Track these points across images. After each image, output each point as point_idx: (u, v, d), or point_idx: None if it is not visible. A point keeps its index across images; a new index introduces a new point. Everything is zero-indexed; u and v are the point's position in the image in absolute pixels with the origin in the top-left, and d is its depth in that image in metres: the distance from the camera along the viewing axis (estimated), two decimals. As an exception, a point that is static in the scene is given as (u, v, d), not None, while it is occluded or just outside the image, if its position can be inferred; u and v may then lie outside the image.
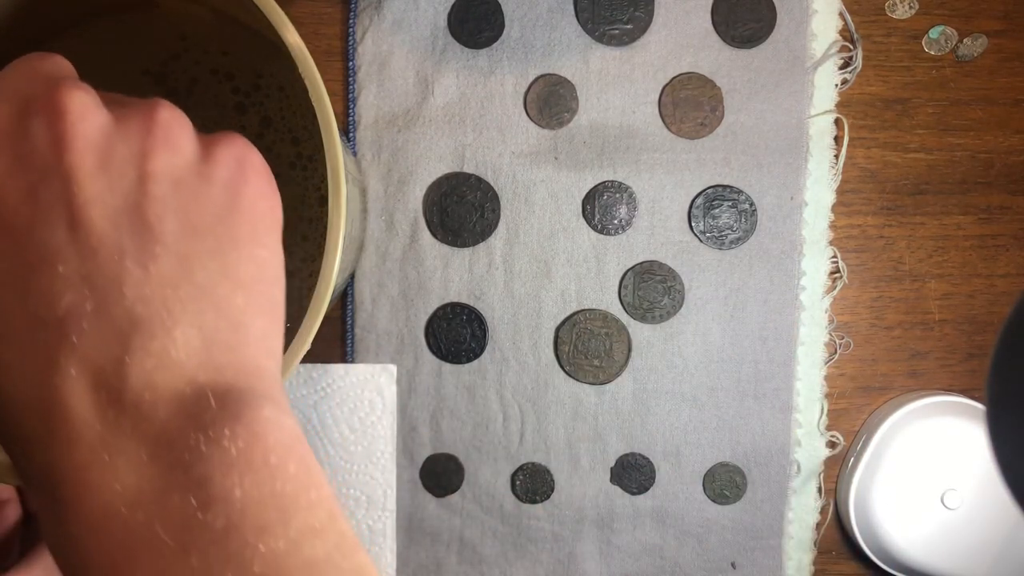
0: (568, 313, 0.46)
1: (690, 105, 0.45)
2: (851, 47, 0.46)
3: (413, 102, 0.44)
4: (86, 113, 0.21)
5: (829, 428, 0.48)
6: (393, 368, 0.45)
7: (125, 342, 0.20)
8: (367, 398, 0.45)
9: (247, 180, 0.23)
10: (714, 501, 0.47)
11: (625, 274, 0.46)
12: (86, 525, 0.19)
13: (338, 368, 0.45)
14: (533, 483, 0.47)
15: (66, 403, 0.19)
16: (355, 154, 0.45)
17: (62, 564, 0.20)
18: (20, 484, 0.28)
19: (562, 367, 0.46)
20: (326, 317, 0.29)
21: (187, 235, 0.21)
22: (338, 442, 0.45)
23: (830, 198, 0.46)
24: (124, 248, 0.20)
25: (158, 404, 0.20)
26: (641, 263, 0.46)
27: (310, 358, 0.45)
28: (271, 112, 0.40)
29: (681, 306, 0.46)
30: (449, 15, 0.44)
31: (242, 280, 0.22)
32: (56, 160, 0.20)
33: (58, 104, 0.20)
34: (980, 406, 0.47)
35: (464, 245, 0.45)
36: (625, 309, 0.46)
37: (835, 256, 0.47)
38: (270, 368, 0.22)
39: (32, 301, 0.20)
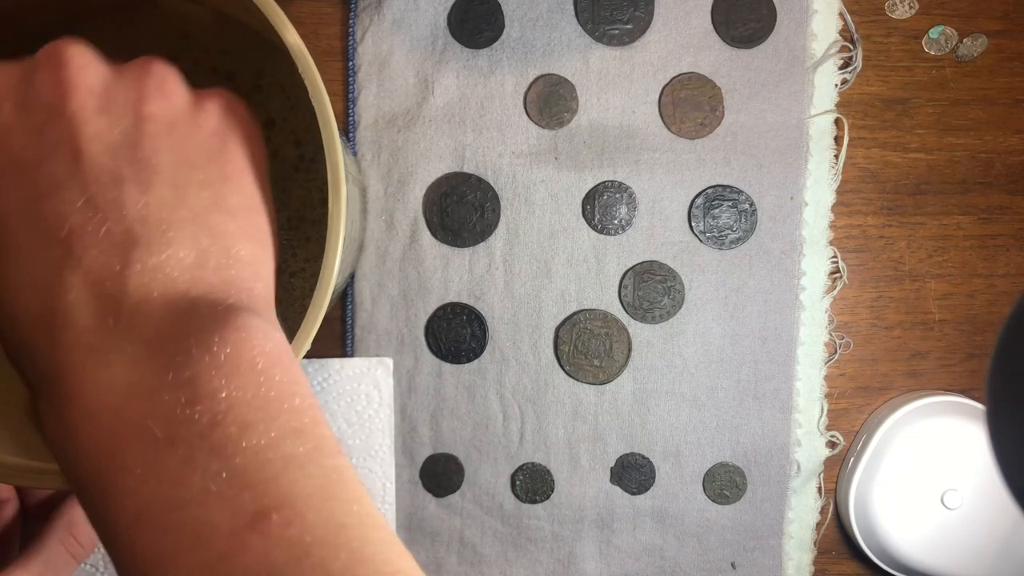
0: (568, 313, 0.46)
1: (690, 105, 0.45)
2: (851, 47, 0.46)
3: (413, 102, 0.44)
4: (87, 63, 0.23)
5: (829, 428, 0.48)
6: (389, 361, 0.45)
7: (124, 257, 0.22)
8: (364, 391, 0.45)
9: (234, 125, 0.25)
10: (714, 501, 0.47)
11: (625, 274, 0.46)
12: (83, 415, 0.21)
13: (334, 362, 0.45)
14: (533, 483, 0.47)
15: (69, 311, 0.21)
16: (355, 154, 0.45)
17: (60, 456, 0.22)
18: (19, 483, 0.28)
19: (562, 367, 0.46)
20: (326, 317, 0.29)
21: (181, 168, 0.23)
22: (335, 436, 0.45)
23: (830, 198, 0.46)
24: (123, 176, 0.22)
25: (153, 312, 0.21)
26: (641, 263, 0.46)
27: (309, 357, 0.45)
28: (274, 114, 0.40)
29: (681, 306, 0.46)
30: (449, 15, 0.44)
31: (232, 209, 0.24)
32: (60, 104, 0.22)
33: (61, 55, 0.23)
34: (980, 406, 0.47)
35: (464, 245, 0.45)
36: (625, 309, 0.46)
37: (835, 256, 0.47)
38: (260, 289, 0.24)
39: (41, 226, 0.22)
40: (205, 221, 0.23)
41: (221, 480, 0.20)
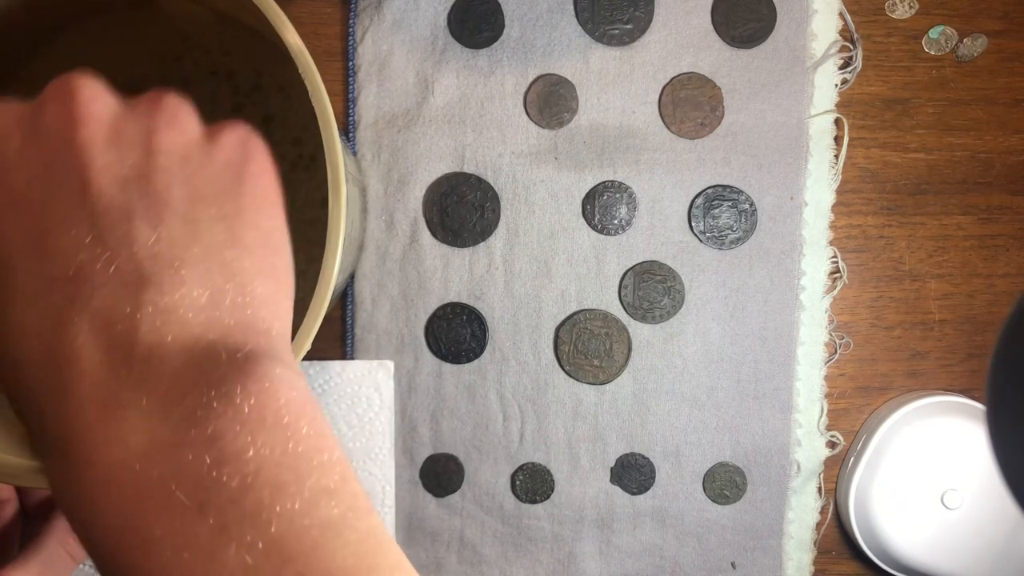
0: (568, 313, 0.46)
1: (690, 105, 0.45)
2: (851, 47, 0.46)
3: (413, 102, 0.44)
4: (97, 95, 0.22)
5: (829, 428, 0.48)
6: (390, 364, 0.45)
7: (135, 298, 0.20)
8: (364, 394, 0.45)
9: (249, 158, 0.24)
10: (714, 501, 0.47)
11: (625, 274, 0.46)
12: (99, 482, 0.19)
13: (335, 365, 0.45)
14: (533, 483, 0.47)
15: (78, 358, 0.20)
16: (355, 154, 0.45)
17: (76, 526, 0.20)
18: (19, 483, 0.28)
19: (562, 367, 0.46)
20: (326, 317, 0.29)
21: (194, 203, 0.22)
22: (336, 439, 0.45)
23: (830, 198, 0.46)
24: (133, 211, 0.21)
25: (168, 359, 0.20)
26: (641, 263, 0.46)
27: (309, 357, 0.45)
28: (272, 111, 0.40)
29: (681, 306, 0.46)
30: (449, 15, 0.44)
31: (247, 246, 0.23)
32: (69, 136, 0.21)
33: (71, 88, 0.22)
34: (980, 406, 0.47)
35: (464, 245, 0.45)
36: (625, 309, 0.46)
37: (835, 256, 0.47)
38: (279, 330, 0.23)
39: (46, 264, 0.20)
40: (219, 257, 0.22)
41: (258, 551, 0.19)
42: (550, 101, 0.45)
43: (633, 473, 0.47)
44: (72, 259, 0.20)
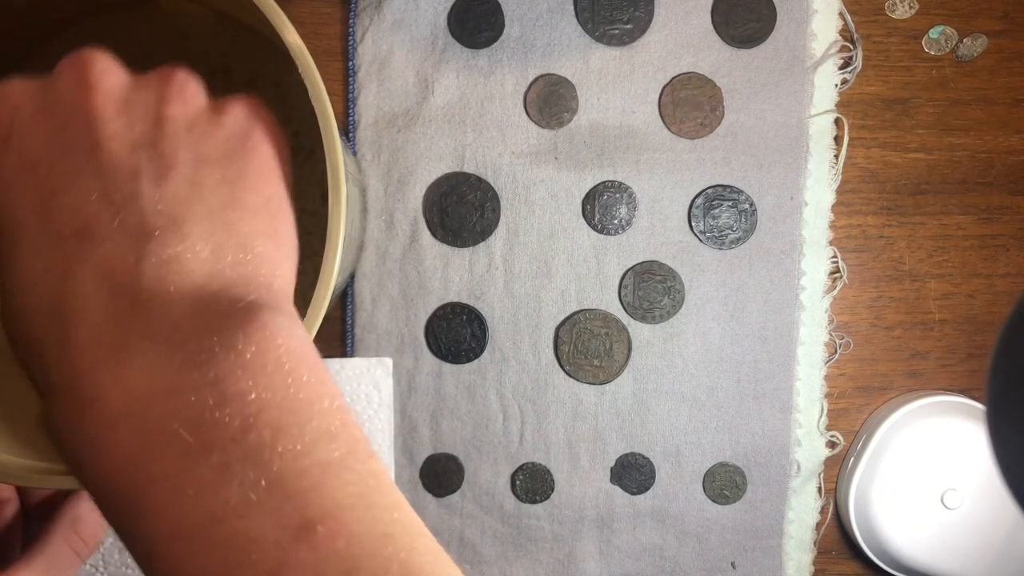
0: (568, 313, 0.46)
1: (690, 105, 0.45)
2: (851, 47, 0.46)
3: (413, 102, 0.44)
4: (109, 67, 0.23)
5: (829, 428, 0.48)
6: (389, 361, 0.45)
7: (139, 249, 0.21)
8: (363, 392, 0.45)
9: (254, 128, 0.24)
10: (714, 501, 0.47)
11: (625, 274, 0.46)
12: (102, 421, 0.20)
13: (334, 362, 0.45)
14: (533, 483, 0.47)
15: (82, 305, 0.21)
16: (355, 154, 0.45)
17: (80, 470, 0.21)
18: (20, 483, 0.28)
19: (562, 367, 0.46)
20: (326, 317, 0.29)
21: (199, 166, 0.23)
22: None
23: (830, 198, 0.46)
24: (140, 170, 0.22)
25: (170, 306, 0.21)
26: (641, 263, 0.46)
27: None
28: (271, 108, 0.40)
29: (681, 306, 0.46)
30: (449, 15, 0.44)
31: (250, 207, 0.23)
32: (81, 103, 0.22)
33: (84, 60, 0.23)
34: (980, 406, 0.47)
35: (464, 245, 0.45)
36: (625, 309, 0.46)
37: (835, 256, 0.47)
38: (280, 286, 0.23)
39: (54, 220, 0.21)
40: (222, 216, 0.23)
41: (260, 489, 0.19)
42: (550, 101, 0.45)
43: (633, 473, 0.47)
44: (79, 215, 0.21)
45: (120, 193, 0.21)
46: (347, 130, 0.45)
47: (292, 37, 0.27)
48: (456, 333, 0.45)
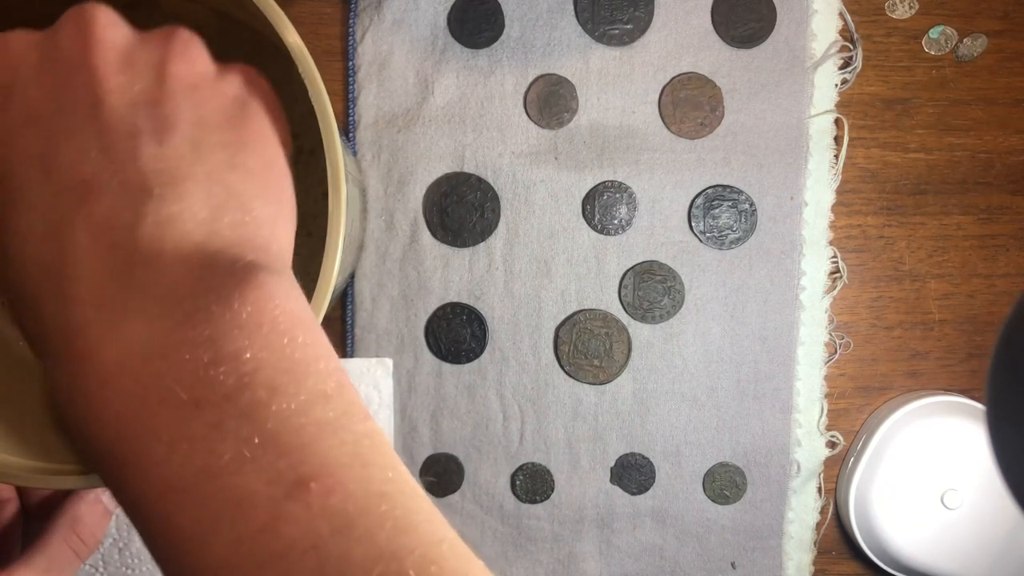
0: (568, 313, 0.46)
1: (690, 105, 0.45)
2: (851, 47, 0.46)
3: (413, 102, 0.44)
4: (112, 23, 0.23)
5: (829, 428, 0.48)
6: (389, 361, 0.45)
7: (137, 207, 0.21)
8: (363, 392, 0.45)
9: (254, 94, 0.24)
10: (714, 501, 0.47)
11: (625, 274, 0.46)
12: (97, 377, 0.20)
13: (336, 365, 0.45)
14: (533, 483, 0.47)
15: (79, 261, 0.20)
16: (355, 154, 0.45)
17: (74, 424, 0.21)
18: (19, 483, 0.28)
19: (562, 367, 0.46)
20: (326, 317, 0.29)
21: (200, 128, 0.23)
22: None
23: (830, 198, 0.46)
24: (140, 128, 0.22)
25: (167, 265, 0.21)
26: (641, 263, 0.46)
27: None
28: None
29: (681, 306, 0.46)
30: (449, 15, 0.44)
31: (249, 170, 0.23)
32: (82, 58, 0.22)
33: (87, 14, 0.23)
34: (980, 406, 0.47)
35: (464, 245, 0.45)
36: (625, 309, 0.46)
37: (835, 256, 0.47)
38: (278, 249, 0.23)
39: (53, 173, 0.21)
40: (221, 178, 0.22)
41: (254, 446, 0.19)
42: (550, 101, 0.45)
43: (633, 473, 0.47)
44: (78, 170, 0.21)
45: (120, 150, 0.21)
46: (347, 130, 0.45)
47: (292, 37, 0.27)
48: (456, 333, 0.45)
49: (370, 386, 0.45)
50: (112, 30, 0.23)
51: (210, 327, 0.20)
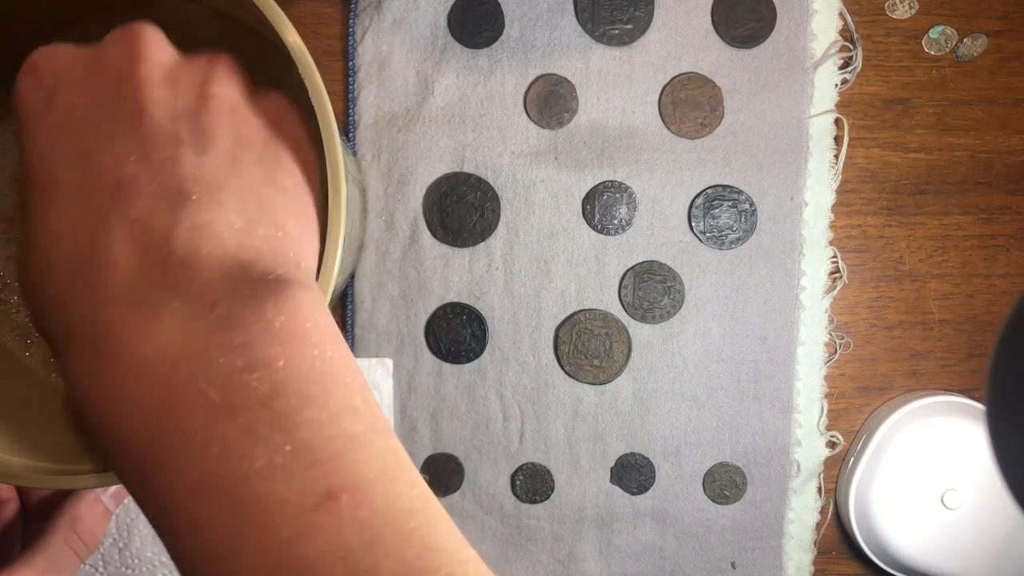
0: (568, 313, 0.46)
1: (690, 105, 0.45)
2: (851, 47, 0.46)
3: (413, 102, 0.44)
4: (159, 42, 0.24)
5: (829, 428, 0.48)
6: (389, 362, 0.45)
7: (174, 212, 0.21)
8: None
9: (291, 120, 0.26)
10: (714, 501, 0.47)
11: (625, 274, 0.46)
12: (127, 375, 0.20)
13: (338, 367, 0.45)
14: (533, 483, 0.47)
15: (114, 259, 0.21)
16: (355, 154, 0.45)
17: (96, 421, 0.21)
18: (20, 483, 0.28)
19: (562, 367, 0.46)
20: (326, 317, 0.29)
21: (238, 144, 0.23)
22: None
23: (830, 198, 0.46)
24: (181, 139, 0.22)
25: (202, 269, 0.21)
26: (641, 263, 0.46)
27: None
28: None
29: (681, 306, 0.46)
30: (449, 15, 0.44)
31: (283, 188, 0.24)
32: (129, 70, 0.23)
33: (134, 32, 0.24)
34: (980, 406, 0.47)
35: (464, 245, 0.45)
36: (625, 309, 0.46)
37: (835, 256, 0.47)
38: (307, 265, 0.24)
39: (91, 174, 0.21)
40: (257, 192, 0.23)
41: (286, 453, 0.19)
42: (550, 101, 0.45)
43: (633, 473, 0.47)
44: (117, 172, 0.21)
45: (160, 156, 0.22)
46: (347, 130, 0.45)
47: (292, 37, 0.27)
48: (456, 333, 0.45)
49: (370, 386, 0.45)
50: (159, 47, 0.24)
51: (244, 333, 0.20)
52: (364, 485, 0.20)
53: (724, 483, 0.47)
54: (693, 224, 0.46)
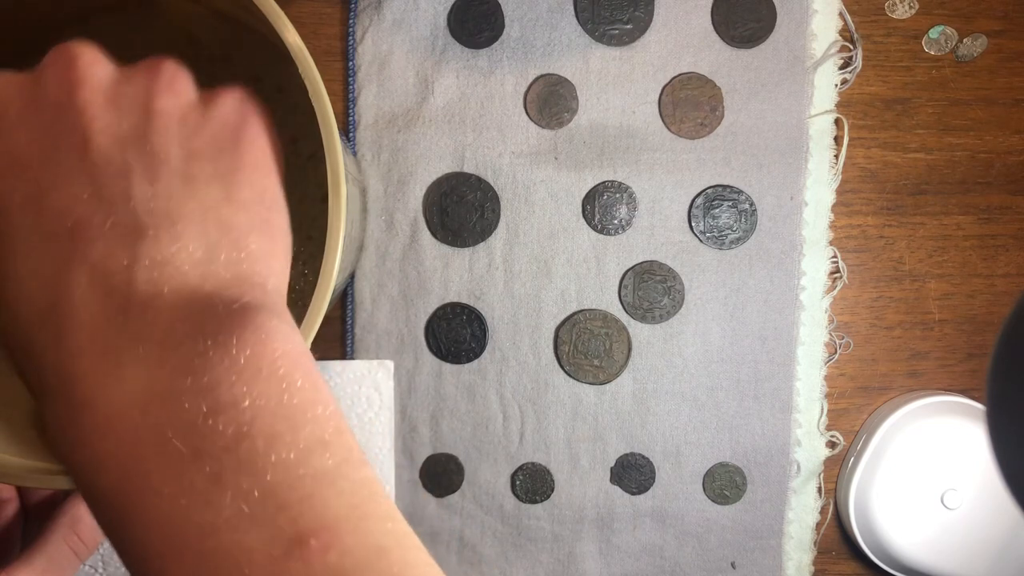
0: (568, 313, 0.46)
1: (690, 105, 0.45)
2: (851, 47, 0.46)
3: (413, 102, 0.44)
4: (95, 60, 0.23)
5: (829, 428, 0.48)
6: (390, 364, 0.45)
7: (132, 250, 0.21)
8: (364, 394, 0.45)
9: (246, 119, 0.24)
10: (714, 501, 0.47)
11: (625, 274, 0.46)
12: (97, 426, 0.20)
13: (335, 364, 0.45)
14: (533, 483, 0.47)
15: (75, 307, 0.20)
16: (355, 154, 0.45)
17: (73, 471, 0.20)
18: (19, 483, 0.28)
19: (562, 367, 0.46)
20: (326, 317, 0.29)
21: (191, 161, 0.22)
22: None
23: (830, 198, 0.46)
24: (131, 168, 0.21)
25: (164, 309, 0.20)
26: (641, 263, 0.46)
27: (310, 358, 0.45)
28: (272, 111, 0.40)
29: (681, 306, 0.46)
30: (449, 15, 0.44)
31: (243, 203, 0.23)
32: (69, 99, 0.22)
33: (69, 53, 0.22)
34: (980, 406, 0.47)
35: (464, 245, 0.45)
36: (625, 309, 0.46)
37: (835, 256, 0.47)
38: (274, 285, 0.23)
39: (45, 219, 0.21)
40: (215, 214, 0.22)
41: (253, 500, 0.19)
42: (550, 101, 0.45)
43: (633, 473, 0.47)
44: (70, 214, 0.21)
45: (111, 192, 0.21)
46: (347, 130, 0.45)
47: (292, 37, 0.27)
48: (456, 333, 0.45)
49: (371, 388, 0.45)
50: (95, 68, 0.22)
51: (208, 374, 0.20)
52: (333, 525, 0.19)
53: (724, 483, 0.47)
54: (693, 224, 0.46)
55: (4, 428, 0.29)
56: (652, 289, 0.46)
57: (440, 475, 0.46)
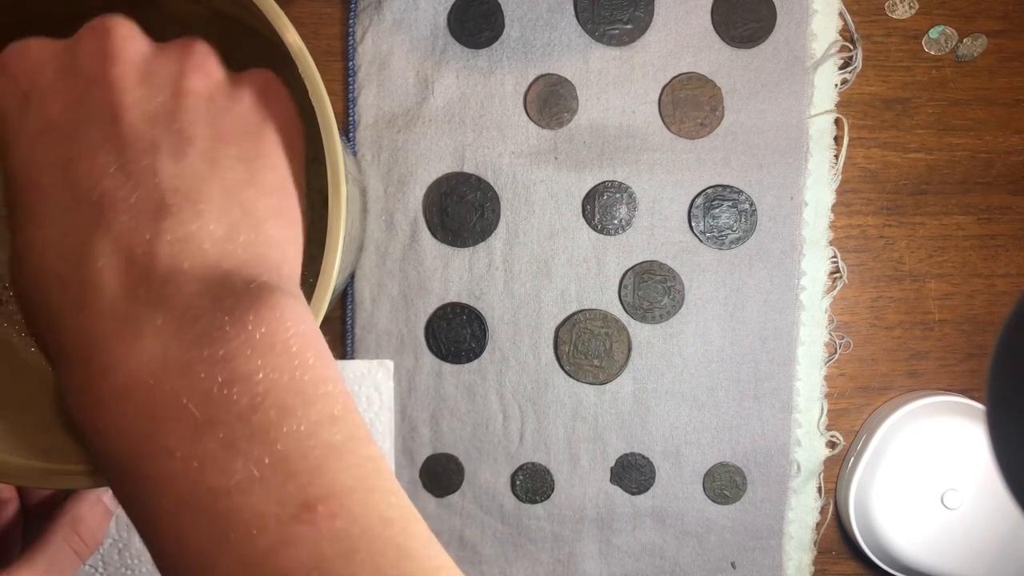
0: (568, 313, 0.46)
1: (690, 105, 0.45)
2: (851, 47, 0.46)
3: (413, 102, 0.44)
4: (131, 36, 0.23)
5: (829, 428, 0.48)
6: (390, 363, 0.45)
7: (155, 225, 0.21)
8: (364, 394, 0.45)
9: (272, 105, 0.25)
10: (714, 501, 0.47)
11: (625, 274, 0.46)
12: (115, 391, 0.20)
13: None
14: (533, 483, 0.47)
15: (98, 276, 0.21)
16: (355, 154, 0.45)
17: (89, 436, 0.21)
18: (20, 483, 0.28)
19: (562, 367, 0.46)
20: (326, 317, 0.29)
21: (217, 142, 0.23)
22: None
23: (830, 198, 0.46)
24: (158, 145, 0.22)
25: (184, 283, 0.21)
26: (641, 263, 0.46)
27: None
28: None
29: (681, 306, 0.46)
30: (449, 15, 0.44)
31: (265, 188, 0.23)
32: (102, 71, 0.22)
33: (106, 27, 0.23)
34: (980, 406, 0.47)
35: (464, 245, 0.45)
36: (625, 309, 0.46)
37: (835, 256, 0.47)
38: (289, 270, 0.24)
39: (73, 188, 0.21)
40: (237, 196, 0.23)
41: (264, 467, 0.19)
42: (550, 101, 0.45)
43: (633, 473, 0.47)
44: (97, 185, 0.21)
45: (138, 167, 0.22)
46: (347, 130, 0.45)
47: (292, 37, 0.27)
48: (456, 333, 0.45)
49: (371, 388, 0.45)
50: (130, 43, 0.23)
51: (225, 347, 0.20)
52: (341, 495, 0.20)
53: (724, 483, 0.47)
54: (693, 224, 0.46)
55: (5, 428, 0.29)
56: (652, 289, 0.46)
57: (440, 475, 0.46)
